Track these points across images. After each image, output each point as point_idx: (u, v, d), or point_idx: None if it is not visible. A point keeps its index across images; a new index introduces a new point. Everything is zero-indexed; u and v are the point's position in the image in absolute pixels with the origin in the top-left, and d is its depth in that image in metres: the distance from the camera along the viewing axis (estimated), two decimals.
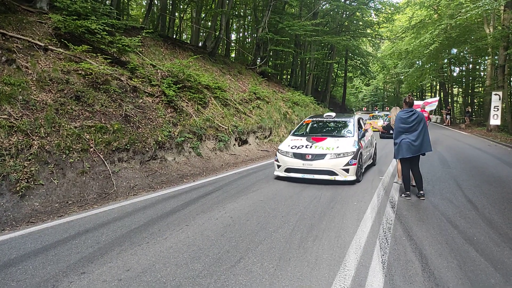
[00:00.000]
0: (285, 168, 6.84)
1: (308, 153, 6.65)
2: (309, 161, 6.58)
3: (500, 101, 17.68)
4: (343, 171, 6.44)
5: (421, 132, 5.42)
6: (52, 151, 5.38)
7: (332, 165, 6.44)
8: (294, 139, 7.44)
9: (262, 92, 15.63)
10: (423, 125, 5.47)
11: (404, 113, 5.56)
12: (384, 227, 4.18)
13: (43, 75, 6.47)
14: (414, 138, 5.40)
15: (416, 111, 5.55)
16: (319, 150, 6.65)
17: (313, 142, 7.00)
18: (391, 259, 3.31)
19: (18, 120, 5.30)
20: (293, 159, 6.74)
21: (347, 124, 7.89)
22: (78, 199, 5.20)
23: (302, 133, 7.94)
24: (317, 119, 8.46)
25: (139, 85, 8.58)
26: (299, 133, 7.99)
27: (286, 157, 6.85)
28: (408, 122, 5.47)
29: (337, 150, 6.56)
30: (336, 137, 7.29)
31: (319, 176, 6.51)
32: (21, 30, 7.37)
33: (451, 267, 3.15)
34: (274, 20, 19.94)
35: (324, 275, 2.99)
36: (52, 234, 3.87)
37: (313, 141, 7.06)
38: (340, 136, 7.31)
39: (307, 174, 6.59)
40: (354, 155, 6.52)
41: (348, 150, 6.56)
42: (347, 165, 6.44)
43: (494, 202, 5.34)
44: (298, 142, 7.15)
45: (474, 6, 17.17)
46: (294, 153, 6.79)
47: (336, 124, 8.20)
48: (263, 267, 3.11)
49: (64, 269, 3.04)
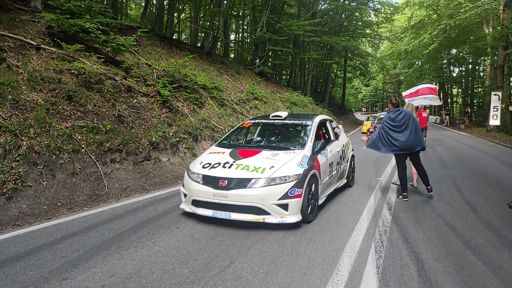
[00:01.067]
0: (191, 200, 4.37)
1: (224, 177, 4.17)
2: (223, 189, 4.08)
3: (500, 102, 17.60)
4: (278, 208, 4.01)
5: (412, 129, 5.38)
6: (41, 152, 5.26)
7: (260, 197, 3.98)
8: (214, 151, 5.01)
9: (260, 92, 15.52)
10: (413, 122, 5.44)
11: (392, 113, 5.58)
12: (380, 230, 4.07)
13: (34, 74, 6.35)
14: (408, 135, 5.35)
15: (403, 110, 5.56)
16: (241, 173, 4.19)
17: (238, 157, 4.56)
18: (386, 263, 3.20)
19: (7, 120, 5.18)
20: (201, 186, 4.25)
21: (300, 131, 5.52)
22: (68, 201, 5.08)
23: (229, 143, 5.47)
24: (261, 121, 5.89)
25: (133, 84, 8.47)
26: (227, 142, 5.49)
27: (194, 181, 4.37)
28: (397, 121, 5.45)
29: (270, 173, 4.13)
30: (276, 149, 4.79)
31: (238, 215, 4.06)
32: (13, 29, 7.26)
33: (448, 272, 3.04)
34: (272, 20, 19.84)
35: (316, 280, 2.88)
36: (37, 238, 3.75)
37: (239, 156, 4.62)
38: (283, 149, 4.81)
39: (219, 212, 4.12)
40: (299, 181, 4.13)
41: (289, 173, 4.16)
42: (284, 197, 4.00)
43: (493, 204, 5.24)
44: (217, 157, 4.69)
45: (473, 6, 17.10)
46: (204, 176, 4.32)
47: (284, 130, 5.71)
48: (253, 272, 3.00)
49: (46, 274, 2.93)
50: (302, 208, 4.17)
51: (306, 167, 4.35)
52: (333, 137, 5.93)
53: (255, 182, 4.08)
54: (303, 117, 5.91)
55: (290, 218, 4.05)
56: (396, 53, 35.46)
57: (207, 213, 4.21)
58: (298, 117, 6.15)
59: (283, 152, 4.64)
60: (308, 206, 4.34)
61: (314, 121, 5.42)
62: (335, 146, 5.72)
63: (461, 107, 38.85)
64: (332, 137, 5.90)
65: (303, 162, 4.40)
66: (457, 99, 42.37)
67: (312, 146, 4.84)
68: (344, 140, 6.43)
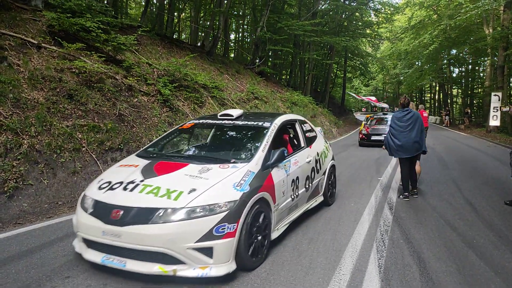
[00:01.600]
0: (81, 238, 3.00)
1: (119, 205, 2.84)
2: (115, 225, 2.74)
3: (500, 102, 17.61)
4: (197, 254, 2.68)
5: (418, 131, 5.37)
6: (42, 151, 5.26)
7: (168, 238, 2.64)
8: (126, 164, 3.60)
9: (260, 92, 15.53)
10: (419, 124, 5.43)
11: (399, 112, 5.58)
12: (381, 230, 4.07)
13: (35, 73, 6.35)
14: (413, 137, 5.33)
15: (411, 110, 5.53)
16: (145, 199, 2.86)
17: (151, 174, 3.18)
18: (388, 263, 3.20)
19: (8, 118, 5.18)
20: (88, 218, 2.92)
21: (252, 136, 4.06)
22: (69, 200, 5.08)
23: (155, 152, 3.98)
24: (206, 121, 4.38)
25: (134, 84, 8.46)
26: (153, 150, 4.04)
27: (82, 210, 3.02)
28: (404, 121, 5.43)
29: (188, 199, 2.79)
30: (210, 162, 3.40)
31: (135, 264, 2.71)
32: (14, 28, 7.25)
33: (450, 272, 3.04)
34: (273, 19, 19.84)
35: (318, 279, 2.88)
36: (39, 236, 3.75)
37: (153, 172, 3.23)
38: (220, 161, 3.44)
39: (112, 258, 2.78)
40: (233, 211, 2.82)
41: (218, 200, 2.83)
42: (208, 237, 2.69)
43: (493, 204, 5.24)
44: (124, 173, 3.30)
45: (473, 6, 17.12)
46: (95, 203, 2.98)
47: (232, 134, 4.37)
48: (255, 271, 3.00)
49: (48, 273, 2.92)
50: (238, 252, 2.82)
51: (248, 190, 2.97)
52: (303, 144, 4.52)
53: (163, 214, 2.68)
54: (262, 117, 4.50)
55: (216, 269, 2.69)
56: (396, 53, 35.50)
57: (95, 258, 2.83)
58: (255, 117, 4.64)
59: (218, 167, 3.21)
60: (249, 246, 2.94)
61: (274, 123, 3.97)
62: (303, 156, 4.29)
63: (461, 107, 38.89)
64: (302, 144, 4.51)
65: (243, 182, 3.00)
66: (457, 100, 42.41)
67: (264, 157, 3.43)
68: (320, 147, 4.96)
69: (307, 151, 4.49)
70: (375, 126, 13.94)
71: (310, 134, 4.90)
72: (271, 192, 3.35)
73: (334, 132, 20.30)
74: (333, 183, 5.38)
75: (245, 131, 4.28)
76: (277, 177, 3.52)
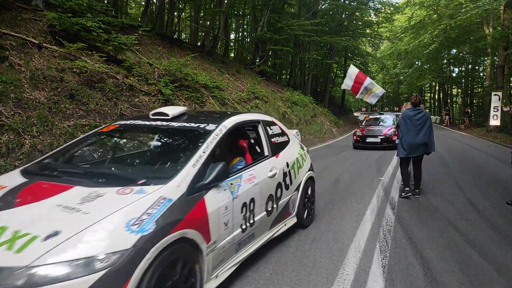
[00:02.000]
0: None
1: None
2: None
3: (500, 102, 17.61)
4: None
5: (427, 130, 5.38)
6: (44, 150, 5.25)
7: None
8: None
9: (260, 92, 15.52)
10: (429, 124, 5.44)
11: (410, 111, 5.53)
12: (384, 229, 4.07)
13: (36, 73, 6.35)
14: (422, 137, 5.34)
15: (422, 110, 5.53)
16: None
17: (9, 203, 2.09)
18: (392, 262, 3.20)
19: (10, 118, 5.18)
20: None
21: (188, 144, 2.95)
22: None
23: (48, 167, 2.72)
24: (133, 122, 3.22)
25: (135, 83, 8.46)
26: (50, 162, 2.84)
27: None
28: (415, 120, 5.42)
29: (40, 252, 1.64)
30: (105, 184, 2.30)
31: None
32: (15, 27, 7.24)
33: (453, 271, 3.04)
34: (273, 19, 19.84)
35: (322, 279, 2.88)
36: None
37: (14, 199, 2.14)
38: (122, 182, 2.25)
39: None
40: (120, 269, 1.70)
41: (95, 251, 1.69)
42: None
43: (495, 204, 5.24)
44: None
45: (474, 6, 17.12)
46: None
47: (163, 140, 3.32)
48: (258, 271, 3.00)
49: None
50: None
51: (152, 230, 1.91)
52: (267, 152, 3.47)
53: None
54: (209, 118, 3.50)
55: None
56: (396, 53, 35.53)
57: None
58: (200, 117, 3.49)
59: (116, 192, 2.12)
60: None
61: (221, 125, 2.90)
62: (264, 169, 3.23)
63: (461, 107, 38.93)
64: (266, 152, 3.47)
65: (145, 218, 1.94)
66: (457, 99, 42.45)
67: (195, 175, 2.38)
68: (292, 156, 3.87)
69: (271, 162, 3.41)
70: (371, 127, 12.95)
71: (278, 139, 3.77)
72: (200, 226, 2.27)
73: (334, 131, 20.31)
74: (310, 199, 4.23)
75: (178, 137, 3.13)
76: (214, 202, 2.44)
